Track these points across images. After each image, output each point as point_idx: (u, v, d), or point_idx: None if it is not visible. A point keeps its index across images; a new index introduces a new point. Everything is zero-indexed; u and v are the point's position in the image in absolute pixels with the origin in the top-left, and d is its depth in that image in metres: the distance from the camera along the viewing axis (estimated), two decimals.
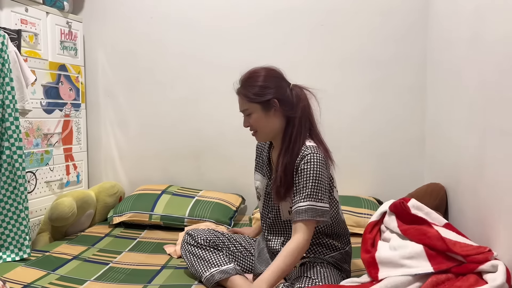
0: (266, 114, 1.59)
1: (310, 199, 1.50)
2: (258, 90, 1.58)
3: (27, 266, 1.90)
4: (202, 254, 1.69)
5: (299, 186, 1.53)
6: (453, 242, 1.32)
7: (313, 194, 1.50)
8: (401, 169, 2.65)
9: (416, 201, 1.66)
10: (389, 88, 2.64)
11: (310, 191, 1.50)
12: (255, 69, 1.64)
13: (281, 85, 1.62)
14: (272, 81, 1.61)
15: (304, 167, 1.52)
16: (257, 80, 1.60)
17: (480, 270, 1.24)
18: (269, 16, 2.72)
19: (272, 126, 1.61)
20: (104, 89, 2.98)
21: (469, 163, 1.82)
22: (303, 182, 1.52)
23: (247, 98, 1.60)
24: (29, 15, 2.38)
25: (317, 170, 1.52)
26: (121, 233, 2.42)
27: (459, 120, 1.97)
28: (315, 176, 1.51)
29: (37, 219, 2.41)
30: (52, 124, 2.56)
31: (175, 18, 2.83)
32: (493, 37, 1.58)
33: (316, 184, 1.51)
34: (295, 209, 1.52)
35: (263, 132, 1.63)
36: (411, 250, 1.35)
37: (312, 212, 1.49)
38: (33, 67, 2.38)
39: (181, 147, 2.88)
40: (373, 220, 1.65)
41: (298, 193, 1.53)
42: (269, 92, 1.58)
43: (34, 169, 2.41)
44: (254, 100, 1.58)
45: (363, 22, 2.63)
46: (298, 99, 1.61)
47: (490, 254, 1.28)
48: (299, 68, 2.69)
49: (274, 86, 1.60)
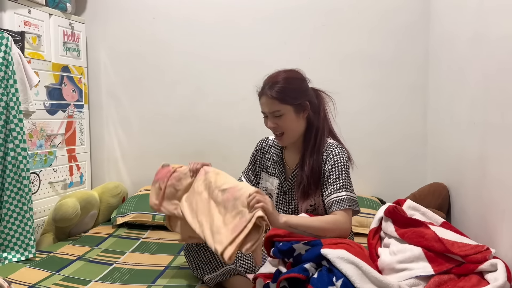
0: (297, 116, 1.61)
1: (346, 189, 1.54)
2: (293, 92, 1.60)
3: (31, 267, 1.91)
4: (204, 254, 1.70)
5: (332, 178, 1.56)
6: (451, 242, 1.33)
7: (347, 185, 1.56)
8: (404, 168, 2.65)
9: (412, 201, 1.68)
10: (391, 87, 2.64)
11: (344, 182, 1.55)
12: (287, 70, 1.65)
13: (309, 88, 1.66)
14: (304, 84, 1.66)
15: (335, 159, 1.58)
16: (291, 83, 1.62)
17: (480, 270, 1.25)
18: (272, 16, 2.73)
19: (299, 128, 1.65)
20: (106, 90, 2.99)
21: (471, 163, 1.82)
22: (336, 174, 1.56)
23: (280, 100, 1.58)
24: (32, 16, 2.39)
25: (346, 163, 1.59)
26: (125, 234, 2.43)
27: (461, 120, 1.97)
28: (346, 169, 1.58)
29: (41, 220, 2.42)
30: (55, 125, 2.57)
31: (177, 18, 2.84)
32: (495, 36, 1.58)
33: (348, 176, 1.57)
34: (332, 199, 1.53)
35: (291, 134, 1.64)
36: (411, 254, 1.35)
37: (350, 202, 1.52)
38: (36, 68, 2.39)
39: (184, 147, 2.89)
40: (373, 227, 1.66)
41: (331, 185, 1.56)
42: (303, 94, 1.62)
43: (38, 170, 2.42)
44: (289, 101, 1.59)
45: (365, 22, 2.63)
46: (319, 102, 1.67)
47: (488, 253, 1.28)
48: (301, 67, 2.70)
49: (306, 89, 1.65)
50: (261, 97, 1.64)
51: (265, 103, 1.63)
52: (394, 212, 1.55)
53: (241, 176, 1.88)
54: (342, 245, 1.35)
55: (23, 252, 2.05)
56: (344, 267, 1.25)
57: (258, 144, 1.85)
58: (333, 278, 1.25)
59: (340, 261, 1.27)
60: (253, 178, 1.85)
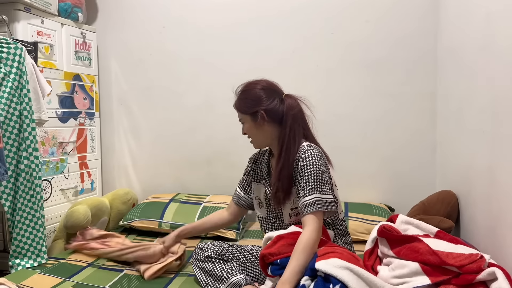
0: (255, 124, 1.70)
1: (315, 192, 1.57)
2: (247, 103, 1.71)
3: (43, 273, 1.93)
4: (213, 268, 1.71)
5: (302, 183, 1.61)
6: (445, 254, 1.33)
7: (317, 187, 1.58)
8: (413, 176, 2.64)
9: (404, 216, 1.70)
10: (400, 95, 2.64)
11: (313, 184, 1.58)
12: (248, 82, 1.77)
13: (269, 97, 1.70)
14: (262, 93, 1.70)
15: (303, 163, 1.61)
16: (247, 93, 1.73)
17: (478, 280, 1.25)
18: (280, 25, 2.75)
19: (263, 134, 1.72)
20: (117, 97, 3.03)
21: (480, 171, 1.82)
22: (305, 177, 1.60)
23: (238, 110, 1.74)
24: (45, 26, 2.44)
25: (316, 164, 1.60)
26: (135, 240, 2.45)
27: (470, 128, 1.97)
28: (315, 170, 1.59)
29: (53, 226, 2.46)
30: (67, 133, 2.61)
31: (187, 28, 2.87)
32: (504, 44, 1.58)
33: (318, 177, 1.59)
34: (302, 204, 1.58)
35: (255, 140, 1.76)
36: (408, 270, 1.36)
37: (319, 204, 1.55)
38: (49, 77, 2.44)
39: (193, 154, 2.92)
40: (368, 249, 1.66)
41: (302, 189, 1.60)
42: (257, 104, 1.69)
43: (50, 177, 2.46)
44: (244, 111, 1.72)
45: (374, 30, 2.64)
46: (288, 109, 1.69)
47: (482, 261, 1.28)
48: (309, 76, 2.72)
49: (263, 98, 1.69)
50: None
51: None
52: (385, 232, 1.55)
53: (236, 189, 1.98)
54: (334, 253, 1.39)
55: (35, 258, 2.08)
56: (339, 273, 1.28)
57: (250, 157, 1.96)
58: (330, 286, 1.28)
59: (335, 269, 1.30)
60: (247, 188, 1.93)
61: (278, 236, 1.58)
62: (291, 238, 1.56)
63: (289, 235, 1.58)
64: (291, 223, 1.70)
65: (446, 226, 2.03)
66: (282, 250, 1.52)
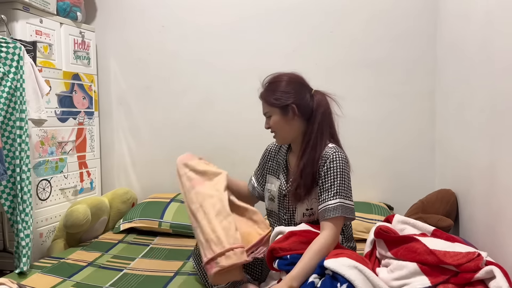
0: (284, 118, 1.64)
1: (340, 196, 1.53)
2: (278, 95, 1.63)
3: (43, 273, 1.93)
4: None
5: (326, 185, 1.56)
6: (442, 253, 1.33)
7: (342, 192, 1.54)
8: (412, 175, 2.64)
9: (400, 215, 1.69)
10: (399, 95, 2.64)
11: (338, 188, 1.54)
12: (277, 74, 1.69)
13: (301, 91, 1.65)
14: (293, 87, 1.65)
15: (331, 165, 1.57)
16: (278, 85, 1.65)
17: (476, 278, 1.25)
18: (280, 24, 2.75)
19: (290, 129, 1.66)
20: (116, 97, 3.03)
21: (480, 170, 1.82)
22: (331, 180, 1.55)
23: (267, 102, 1.66)
24: (44, 26, 2.43)
25: (343, 168, 1.57)
26: (134, 240, 2.46)
27: (469, 127, 1.97)
28: (342, 174, 1.56)
29: (52, 226, 2.46)
30: (66, 132, 2.61)
31: (186, 27, 2.87)
32: (503, 43, 1.58)
33: (343, 182, 1.56)
34: (325, 207, 1.54)
35: (281, 135, 1.68)
36: (407, 271, 1.36)
37: (342, 209, 1.52)
38: (48, 77, 2.44)
39: (192, 153, 2.90)
40: (368, 251, 1.66)
41: (326, 192, 1.55)
42: (289, 97, 1.62)
43: (49, 176, 2.46)
44: (274, 104, 1.64)
45: (373, 29, 2.64)
46: (318, 105, 1.65)
47: (480, 260, 1.28)
48: (308, 73, 2.71)
49: (294, 91, 1.64)
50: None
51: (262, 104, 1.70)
52: (381, 233, 1.55)
53: (252, 176, 1.93)
54: (343, 254, 1.39)
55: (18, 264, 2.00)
56: (347, 272, 1.28)
57: (267, 147, 1.89)
58: (337, 284, 1.29)
59: (343, 268, 1.30)
60: (260, 180, 1.89)
61: (290, 232, 1.57)
62: (303, 236, 1.55)
63: (301, 232, 1.57)
64: (303, 221, 1.67)
65: (445, 224, 2.04)
66: (293, 246, 1.51)
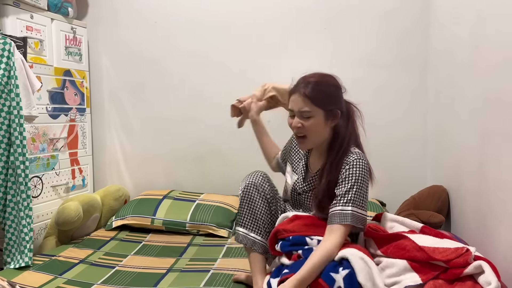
0: (325, 122, 1.55)
1: (353, 204, 1.47)
2: (328, 97, 1.55)
3: (34, 270, 1.92)
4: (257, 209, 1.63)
5: (342, 190, 1.50)
6: (432, 249, 1.34)
7: (357, 200, 1.48)
8: (404, 171, 2.66)
9: (388, 213, 1.71)
10: (392, 91, 2.65)
11: (354, 196, 1.48)
12: (324, 74, 1.61)
13: (342, 97, 1.61)
14: (340, 92, 1.60)
15: (351, 171, 1.51)
16: (329, 87, 1.58)
17: (465, 274, 1.26)
18: (273, 20, 2.74)
19: (323, 135, 1.58)
20: (108, 93, 3.01)
21: (471, 166, 1.84)
22: (348, 186, 1.49)
23: (313, 101, 1.52)
24: (34, 21, 2.41)
25: (362, 176, 1.51)
26: (127, 237, 2.45)
27: (460, 123, 1.99)
28: (360, 182, 1.50)
29: (44, 223, 2.44)
30: (57, 129, 2.59)
31: (178, 23, 2.86)
32: (494, 41, 1.60)
33: (360, 190, 1.50)
34: (337, 211, 1.48)
35: (313, 139, 1.58)
36: (397, 268, 1.37)
37: (354, 219, 1.47)
38: (39, 73, 2.42)
39: (185, 150, 2.91)
40: None
41: (340, 196, 1.50)
42: (337, 101, 1.58)
43: (40, 173, 2.44)
44: (321, 105, 1.53)
45: (366, 26, 2.64)
46: (350, 113, 1.62)
47: (468, 255, 1.29)
48: (301, 70, 2.71)
49: (340, 97, 1.60)
50: (293, 94, 1.58)
51: (295, 101, 1.56)
52: (370, 232, 1.56)
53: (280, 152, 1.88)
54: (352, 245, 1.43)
55: (18, 259, 2.01)
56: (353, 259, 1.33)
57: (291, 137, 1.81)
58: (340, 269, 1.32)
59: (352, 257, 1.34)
60: (281, 162, 1.87)
61: (295, 216, 1.58)
62: (308, 219, 1.56)
63: (306, 216, 1.58)
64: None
65: (436, 220, 2.05)
66: (297, 228, 1.51)
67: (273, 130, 2.72)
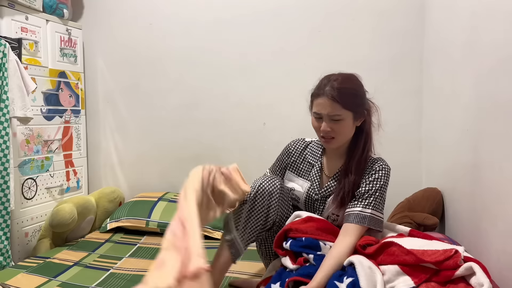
0: (353, 123, 1.56)
1: (374, 208, 1.51)
2: (356, 98, 1.55)
3: (28, 272, 1.91)
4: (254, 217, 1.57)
5: (365, 193, 1.53)
6: (421, 251, 1.34)
7: (377, 204, 1.52)
8: (399, 173, 2.64)
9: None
10: (386, 93, 2.64)
11: (375, 200, 1.52)
12: (349, 75, 1.60)
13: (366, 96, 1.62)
14: (364, 91, 1.61)
15: (378, 175, 1.55)
16: (356, 89, 1.58)
17: (457, 276, 1.27)
18: (268, 22, 2.74)
19: (350, 135, 1.59)
20: (103, 95, 3.00)
21: (465, 169, 1.84)
22: (371, 189, 1.53)
23: (343, 104, 1.50)
24: (29, 23, 2.40)
25: (385, 182, 1.56)
26: (121, 239, 2.44)
27: (455, 126, 1.99)
28: (382, 187, 1.54)
29: (38, 225, 2.43)
30: (52, 130, 2.58)
31: (174, 25, 2.86)
32: (488, 43, 1.60)
33: (381, 195, 1.54)
34: (356, 212, 1.51)
35: (341, 139, 1.58)
36: (390, 274, 1.37)
37: (372, 221, 1.50)
38: (34, 74, 2.41)
39: (180, 152, 2.90)
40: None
41: (362, 198, 1.53)
42: (365, 103, 1.59)
43: (35, 175, 2.43)
44: (350, 107, 1.52)
45: (360, 28, 2.65)
46: (369, 111, 1.63)
47: (458, 257, 1.29)
48: (296, 72, 2.73)
49: (365, 96, 1.61)
50: (319, 97, 1.54)
51: (323, 104, 1.52)
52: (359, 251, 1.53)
53: (267, 172, 1.80)
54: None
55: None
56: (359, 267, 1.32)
57: (290, 144, 1.77)
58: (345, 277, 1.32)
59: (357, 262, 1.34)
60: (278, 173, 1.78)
61: (309, 217, 1.55)
62: (322, 223, 1.54)
63: (320, 219, 1.56)
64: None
65: (431, 222, 2.06)
66: (310, 230, 1.49)
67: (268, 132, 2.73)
